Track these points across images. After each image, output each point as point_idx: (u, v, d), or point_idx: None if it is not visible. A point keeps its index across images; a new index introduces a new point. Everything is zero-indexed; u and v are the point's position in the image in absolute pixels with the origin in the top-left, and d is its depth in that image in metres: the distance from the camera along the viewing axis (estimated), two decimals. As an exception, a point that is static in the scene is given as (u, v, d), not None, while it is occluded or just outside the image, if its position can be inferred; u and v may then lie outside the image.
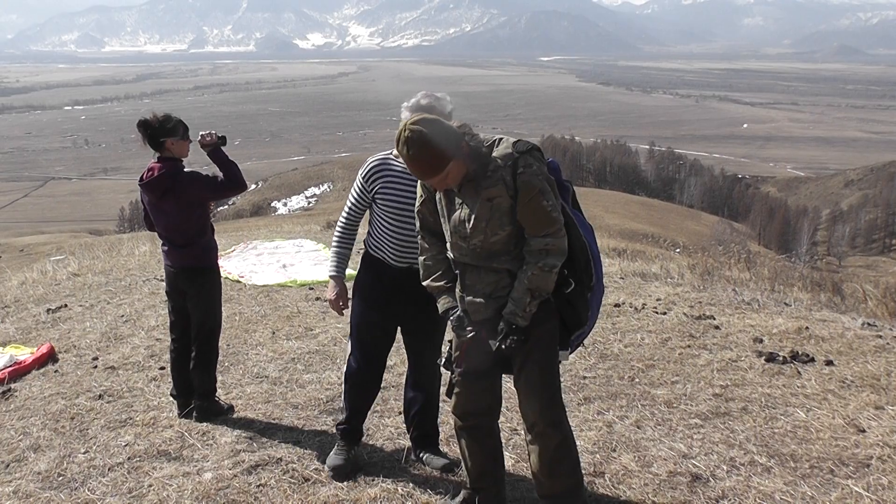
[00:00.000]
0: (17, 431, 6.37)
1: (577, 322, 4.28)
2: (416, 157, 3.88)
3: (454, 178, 4.03)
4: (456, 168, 3.98)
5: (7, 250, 56.91)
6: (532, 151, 4.03)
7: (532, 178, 3.96)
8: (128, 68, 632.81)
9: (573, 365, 7.17)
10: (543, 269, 4.00)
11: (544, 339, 4.22)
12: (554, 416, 4.25)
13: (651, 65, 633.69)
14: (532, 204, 3.98)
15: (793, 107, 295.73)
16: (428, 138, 3.83)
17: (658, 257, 15.15)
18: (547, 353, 4.24)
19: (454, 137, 3.94)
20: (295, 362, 7.75)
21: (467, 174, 4.05)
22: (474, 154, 4.04)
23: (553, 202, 4.00)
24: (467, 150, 4.01)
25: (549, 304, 4.18)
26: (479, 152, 4.05)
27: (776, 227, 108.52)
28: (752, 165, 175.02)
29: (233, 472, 5.35)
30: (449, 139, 3.89)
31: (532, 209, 3.99)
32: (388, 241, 5.10)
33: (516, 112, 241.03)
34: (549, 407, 4.24)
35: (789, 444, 5.46)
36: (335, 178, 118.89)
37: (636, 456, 5.33)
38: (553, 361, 4.27)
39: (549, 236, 4.00)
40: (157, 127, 6.20)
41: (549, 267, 4.01)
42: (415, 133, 3.84)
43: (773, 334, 7.91)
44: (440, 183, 4.04)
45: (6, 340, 9.16)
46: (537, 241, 4.01)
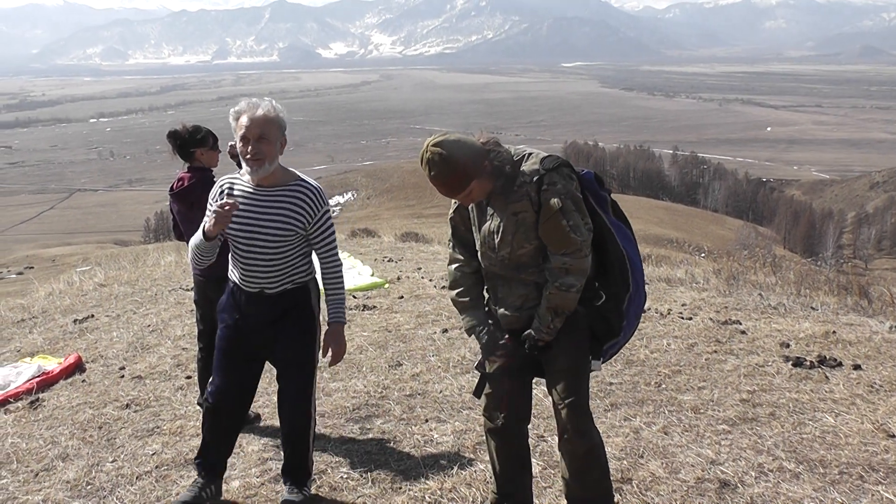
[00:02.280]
0: (45, 441, 6.42)
1: (609, 332, 4.26)
2: (437, 178, 3.91)
3: (478, 195, 4.06)
4: (479, 186, 4.00)
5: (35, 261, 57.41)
6: (559, 168, 4.01)
7: (553, 196, 3.96)
8: (152, 80, 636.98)
9: (599, 372, 7.12)
10: (561, 288, 4.01)
11: (574, 348, 4.22)
12: (582, 424, 4.24)
13: (673, 69, 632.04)
14: (551, 222, 3.97)
15: (816, 109, 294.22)
16: (448, 159, 3.84)
17: (683, 262, 15.08)
18: (576, 362, 4.24)
19: (476, 157, 3.94)
20: (320, 370, 7.74)
21: (493, 189, 4.08)
22: (497, 172, 4.05)
23: (575, 221, 3.97)
24: (490, 169, 4.02)
25: (579, 314, 4.18)
26: (503, 170, 4.06)
27: (801, 230, 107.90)
28: (776, 169, 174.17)
29: (260, 481, 5.38)
30: (470, 159, 3.90)
31: (551, 228, 3.98)
32: (237, 264, 4.83)
33: (539, 119, 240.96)
34: (577, 415, 4.23)
35: (818, 449, 5.41)
36: (359, 186, 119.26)
37: (664, 462, 5.31)
38: (582, 370, 4.26)
39: (568, 255, 3.99)
40: (187, 137, 6.28)
41: (567, 286, 4.01)
42: (435, 154, 3.86)
43: (800, 339, 7.85)
44: (465, 199, 4.08)
45: (34, 351, 9.24)
46: (557, 259, 4.01)
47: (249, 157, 4.54)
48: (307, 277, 4.94)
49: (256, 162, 4.54)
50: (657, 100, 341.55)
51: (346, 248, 16.28)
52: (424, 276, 12.39)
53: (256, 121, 4.53)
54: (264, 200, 4.67)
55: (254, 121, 4.52)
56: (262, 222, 4.65)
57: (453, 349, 8.16)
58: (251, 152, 4.52)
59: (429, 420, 6.31)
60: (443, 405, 6.62)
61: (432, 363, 7.75)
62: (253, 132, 4.51)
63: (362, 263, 13.97)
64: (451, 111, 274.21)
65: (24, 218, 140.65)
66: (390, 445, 5.89)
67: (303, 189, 4.73)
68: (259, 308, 4.84)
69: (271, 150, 4.57)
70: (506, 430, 4.47)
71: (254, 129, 4.52)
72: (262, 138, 4.53)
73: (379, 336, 8.86)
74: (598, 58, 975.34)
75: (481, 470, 5.27)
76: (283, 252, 4.73)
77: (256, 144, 4.51)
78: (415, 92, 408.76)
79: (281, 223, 4.65)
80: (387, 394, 6.95)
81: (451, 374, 7.35)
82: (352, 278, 12.46)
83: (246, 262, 4.75)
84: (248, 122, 4.52)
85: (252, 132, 4.51)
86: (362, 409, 6.64)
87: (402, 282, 12.06)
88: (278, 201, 4.67)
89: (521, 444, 4.54)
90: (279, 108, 4.68)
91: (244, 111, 4.57)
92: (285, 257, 4.75)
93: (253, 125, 4.52)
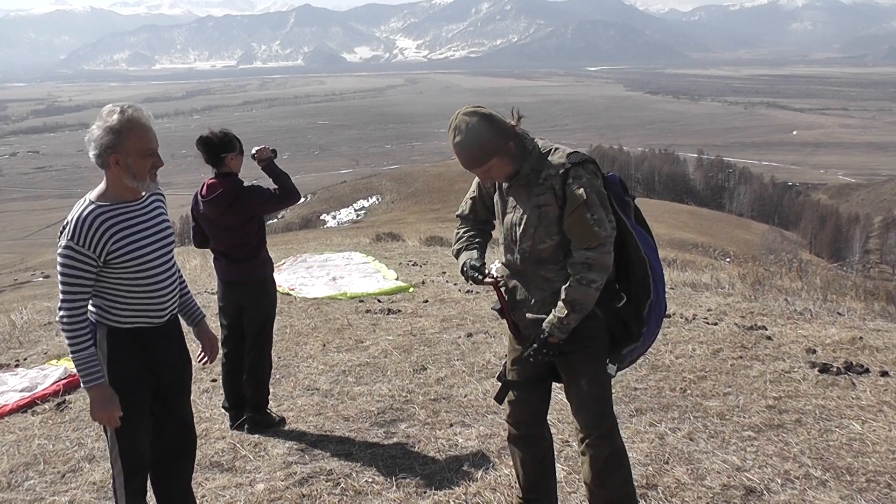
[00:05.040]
0: (72, 442, 6.49)
1: (628, 337, 4.25)
2: (460, 145, 3.93)
3: (497, 174, 4.07)
4: (498, 165, 4.02)
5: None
6: (585, 164, 4.01)
7: (579, 189, 3.95)
8: (178, 85, 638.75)
9: (624, 376, 7.13)
10: (581, 282, 3.97)
11: (592, 351, 4.22)
12: (604, 427, 4.25)
13: (699, 72, 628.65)
14: (576, 215, 3.97)
15: (843, 112, 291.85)
16: (475, 129, 3.87)
17: (708, 267, 15.00)
18: (595, 365, 4.24)
19: (502, 134, 3.95)
20: (346, 374, 7.79)
21: (515, 175, 4.09)
22: (521, 154, 4.06)
23: (600, 216, 3.96)
24: (513, 151, 4.03)
25: (598, 317, 4.18)
26: (528, 153, 4.07)
27: (827, 235, 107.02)
28: (802, 172, 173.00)
29: (285, 484, 5.40)
30: (496, 135, 3.92)
31: (576, 221, 3.97)
32: (148, 296, 4.21)
33: (564, 122, 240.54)
34: (598, 418, 4.24)
35: (845, 457, 5.37)
36: (384, 190, 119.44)
37: (689, 468, 5.29)
38: (602, 373, 4.25)
39: (591, 250, 3.97)
40: (217, 143, 6.30)
41: (588, 281, 3.97)
42: (462, 122, 3.90)
43: (827, 345, 7.79)
44: (484, 176, 4.09)
45: (60, 353, 9.33)
46: (580, 254, 4.00)
47: (154, 171, 4.15)
48: None
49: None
50: (682, 103, 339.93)
51: (370, 253, 16.34)
52: (449, 281, 12.40)
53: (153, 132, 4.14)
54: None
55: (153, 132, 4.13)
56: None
57: (478, 353, 8.17)
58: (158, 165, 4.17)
59: (453, 424, 6.32)
60: (467, 409, 6.62)
61: (457, 367, 7.76)
62: (156, 144, 4.15)
63: (387, 268, 14.01)
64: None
65: (52, 222, 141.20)
66: (415, 450, 5.90)
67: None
68: (176, 332, 4.54)
69: None
70: (529, 438, 4.48)
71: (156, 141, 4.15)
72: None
73: (404, 340, 8.88)
74: (622, 61, 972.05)
75: (506, 475, 5.28)
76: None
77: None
78: (439, 96, 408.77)
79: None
80: (411, 398, 6.97)
81: (475, 379, 7.36)
82: (376, 282, 12.51)
83: (162, 286, 4.29)
84: (152, 133, 4.11)
85: (156, 144, 4.15)
86: (387, 412, 6.67)
87: (426, 286, 12.08)
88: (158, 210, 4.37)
89: (545, 450, 4.55)
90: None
91: (147, 120, 4.08)
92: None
93: (154, 137, 4.13)
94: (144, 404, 4.26)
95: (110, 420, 4.07)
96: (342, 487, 5.31)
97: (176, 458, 4.57)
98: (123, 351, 4.18)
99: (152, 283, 4.18)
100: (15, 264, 78.04)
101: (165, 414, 4.44)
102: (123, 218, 4.08)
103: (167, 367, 4.36)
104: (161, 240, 4.24)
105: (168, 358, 4.37)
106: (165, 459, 4.51)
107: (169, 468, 4.56)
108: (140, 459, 4.31)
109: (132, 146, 3.98)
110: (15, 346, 10.16)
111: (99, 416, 4.07)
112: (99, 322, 4.17)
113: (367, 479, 5.44)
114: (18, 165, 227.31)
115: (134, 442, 4.25)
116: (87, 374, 4.02)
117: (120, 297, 4.13)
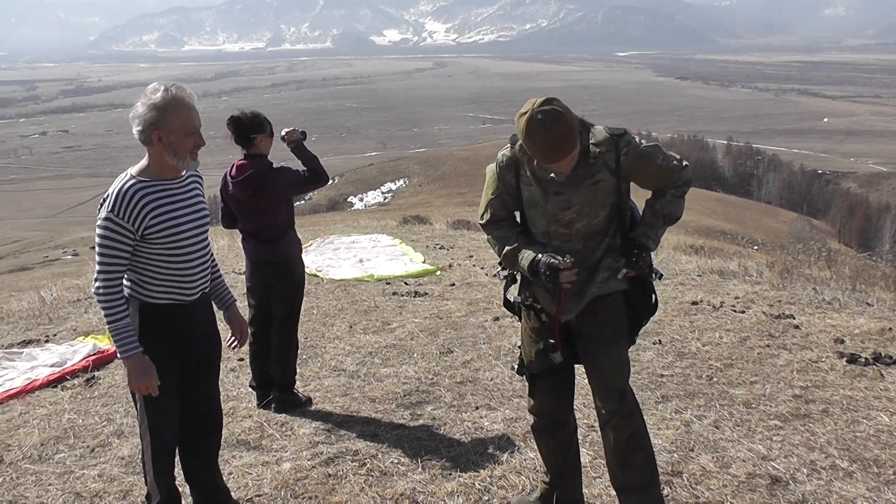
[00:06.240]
0: (101, 418, 6.56)
1: (649, 309, 4.37)
2: (554, 132, 3.77)
3: (573, 160, 4.01)
4: (576, 151, 3.97)
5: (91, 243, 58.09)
6: (626, 134, 4.12)
7: (638, 150, 4.10)
8: (206, 67, 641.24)
9: (651, 363, 7.12)
10: (676, 194, 4.24)
11: (614, 333, 4.27)
12: (626, 409, 4.28)
13: (729, 58, 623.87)
14: (651, 170, 4.16)
15: (875, 100, 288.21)
16: (564, 120, 3.79)
17: (736, 254, 14.91)
18: (618, 347, 4.29)
19: (578, 124, 3.96)
20: (372, 356, 7.82)
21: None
22: (583, 149, 4.06)
23: (665, 156, 4.18)
24: (581, 141, 4.03)
25: (619, 301, 4.26)
26: (586, 148, 4.08)
27: (857, 224, 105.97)
28: (832, 161, 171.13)
29: (311, 464, 5.44)
30: (576, 122, 3.92)
31: (653, 173, 4.18)
32: (181, 273, 4.27)
33: (592, 108, 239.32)
34: (621, 400, 4.28)
35: (872, 448, 5.34)
36: (411, 173, 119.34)
37: (714, 456, 5.28)
38: (624, 354, 4.31)
39: (677, 184, 4.24)
40: (248, 124, 6.32)
41: (682, 192, 4.27)
42: (548, 117, 3.78)
43: (855, 335, 7.74)
44: (565, 164, 3.98)
45: (89, 330, 9.43)
46: (669, 191, 4.23)
47: (196, 150, 4.24)
48: None
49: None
50: (712, 89, 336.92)
51: (397, 235, 16.35)
52: (476, 264, 12.40)
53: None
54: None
55: (195, 111, 4.20)
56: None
57: (504, 337, 8.17)
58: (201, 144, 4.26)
59: (479, 407, 6.34)
60: (493, 393, 6.64)
61: (483, 351, 7.77)
62: (199, 123, 4.23)
63: (414, 250, 14.02)
64: (503, 99, 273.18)
65: (80, 201, 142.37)
66: (440, 432, 5.93)
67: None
68: (206, 311, 4.61)
69: None
70: (553, 426, 4.50)
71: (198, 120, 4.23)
72: None
73: (430, 323, 8.89)
74: (652, 47, 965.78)
75: (531, 458, 5.29)
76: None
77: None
78: (468, 80, 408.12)
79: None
80: (437, 380, 6.99)
81: (501, 362, 7.37)
82: (403, 265, 12.53)
83: (195, 262, 4.35)
84: (195, 112, 4.19)
85: (198, 123, 4.22)
86: (413, 395, 6.69)
87: (453, 269, 12.08)
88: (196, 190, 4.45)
89: (570, 437, 4.57)
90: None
91: (190, 99, 4.17)
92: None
93: (197, 116, 4.20)
94: (173, 381, 4.32)
95: (148, 389, 4.14)
96: (368, 468, 5.34)
97: (203, 436, 4.63)
98: (154, 327, 4.24)
99: (186, 261, 4.23)
100: (44, 242, 78.39)
101: (194, 391, 4.49)
102: (162, 194, 4.14)
103: (196, 345, 4.41)
104: (197, 219, 4.29)
105: (197, 336, 4.42)
106: (193, 436, 4.57)
107: (196, 445, 4.62)
108: (168, 435, 4.37)
109: (175, 124, 4.05)
110: (45, 323, 10.25)
111: (137, 386, 4.14)
112: (131, 297, 4.23)
113: (393, 460, 5.47)
114: (48, 144, 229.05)
115: (163, 418, 4.32)
116: (123, 345, 4.09)
117: (154, 273, 4.19)
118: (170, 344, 4.29)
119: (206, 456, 4.72)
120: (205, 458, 4.71)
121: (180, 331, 4.33)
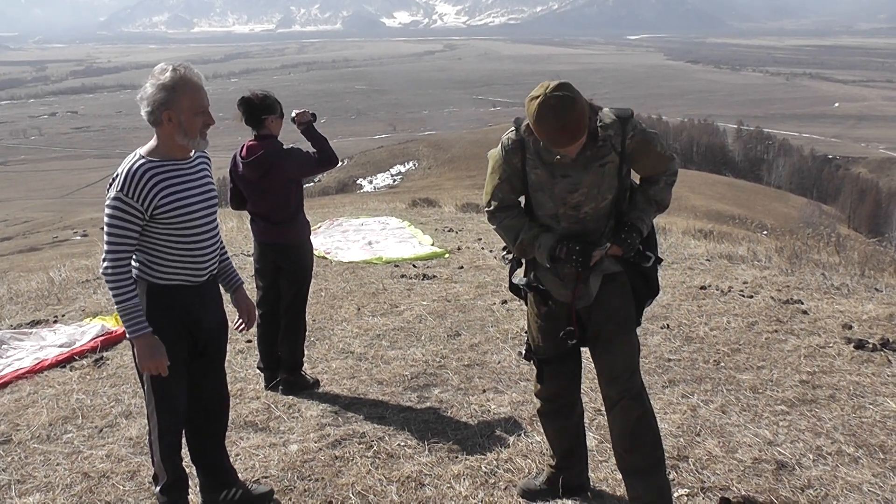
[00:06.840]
0: (109, 398, 6.59)
1: (650, 291, 4.41)
2: (563, 118, 3.76)
3: (581, 143, 4.00)
4: (581, 140, 3.97)
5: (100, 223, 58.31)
6: (632, 117, 4.12)
7: (643, 135, 4.11)
8: (216, 48, 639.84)
9: (658, 347, 7.12)
10: (668, 182, 4.32)
11: (622, 318, 4.28)
12: (634, 390, 4.28)
13: (740, 42, 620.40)
14: (651, 154, 4.20)
15: (887, 84, 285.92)
16: (576, 105, 3.78)
17: (745, 239, 14.88)
18: (625, 329, 4.29)
19: (588, 109, 3.93)
20: (380, 338, 7.83)
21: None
22: (592, 134, 4.05)
23: (662, 144, 4.24)
24: (590, 126, 4.01)
25: (626, 285, 4.27)
26: (595, 133, 4.06)
27: (867, 209, 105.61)
28: (842, 146, 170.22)
29: (318, 446, 5.46)
30: (587, 108, 3.90)
31: (651, 159, 4.22)
32: (190, 254, 4.28)
33: (603, 91, 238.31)
34: (629, 382, 4.27)
35: (878, 434, 5.34)
36: (420, 156, 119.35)
37: (721, 441, 5.28)
38: (632, 337, 4.31)
39: (668, 172, 4.31)
40: (259, 104, 6.31)
41: (672, 182, 4.35)
42: (561, 102, 3.76)
43: (863, 320, 7.72)
44: (575, 148, 3.97)
45: (98, 311, 9.46)
46: (659, 177, 4.30)
47: (205, 129, 4.25)
48: None
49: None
50: (723, 73, 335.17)
51: (406, 218, 16.35)
52: (485, 247, 12.40)
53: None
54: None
55: (204, 90, 4.22)
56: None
57: (512, 320, 8.18)
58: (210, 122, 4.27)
59: (486, 390, 6.35)
60: (500, 376, 6.65)
61: (491, 334, 7.78)
62: (207, 102, 4.23)
63: (423, 233, 14.02)
64: (513, 82, 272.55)
65: (90, 181, 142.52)
66: (447, 415, 5.94)
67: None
68: (215, 291, 4.61)
69: None
70: (559, 410, 4.51)
71: (207, 100, 4.24)
72: None
73: (438, 305, 8.90)
74: (664, 30, 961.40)
75: (538, 441, 5.30)
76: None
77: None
78: (478, 62, 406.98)
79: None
80: (445, 363, 7.00)
81: (509, 346, 7.38)
82: (412, 247, 12.53)
83: (204, 244, 4.36)
84: (204, 92, 4.20)
85: (207, 102, 4.23)
86: (420, 377, 6.70)
87: (462, 252, 12.09)
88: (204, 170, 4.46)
89: (576, 421, 4.59)
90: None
91: (199, 79, 4.19)
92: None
93: (205, 95, 4.21)
94: (181, 362, 4.32)
95: (158, 368, 4.14)
96: (374, 450, 5.36)
97: (210, 417, 4.64)
98: (162, 308, 4.24)
99: (195, 241, 4.23)
100: (54, 222, 78.76)
101: (201, 373, 4.50)
102: (172, 174, 4.14)
103: (204, 327, 4.42)
104: (206, 200, 4.29)
105: (205, 317, 4.42)
106: (200, 417, 4.58)
107: (203, 426, 4.63)
108: (176, 415, 4.38)
109: (184, 103, 4.06)
110: (53, 303, 10.30)
111: (146, 366, 4.13)
112: (139, 278, 4.23)
113: (400, 442, 5.49)
114: (58, 125, 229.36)
115: (170, 398, 4.33)
116: (133, 325, 4.08)
117: (162, 254, 4.19)
118: (178, 325, 4.29)
119: (214, 437, 4.73)
120: (212, 439, 4.72)
121: (189, 312, 4.34)
